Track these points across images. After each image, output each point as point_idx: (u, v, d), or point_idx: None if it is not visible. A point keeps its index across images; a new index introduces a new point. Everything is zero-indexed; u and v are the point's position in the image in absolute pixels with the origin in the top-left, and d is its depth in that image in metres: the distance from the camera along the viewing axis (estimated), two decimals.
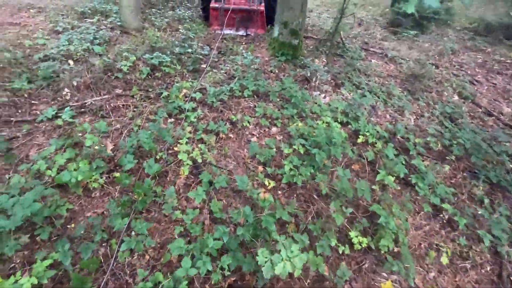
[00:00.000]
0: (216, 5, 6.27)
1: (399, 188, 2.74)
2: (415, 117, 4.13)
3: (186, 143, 2.81)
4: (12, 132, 2.94)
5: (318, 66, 4.72)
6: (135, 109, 3.48)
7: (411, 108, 4.13)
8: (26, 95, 3.42)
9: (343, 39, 6.19)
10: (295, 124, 3.25)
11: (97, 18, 5.87)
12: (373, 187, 2.66)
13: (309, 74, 4.37)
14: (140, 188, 2.13)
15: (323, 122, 3.28)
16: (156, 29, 5.99)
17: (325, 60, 5.46)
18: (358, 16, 9.06)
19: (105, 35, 5.11)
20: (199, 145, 2.86)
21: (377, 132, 3.34)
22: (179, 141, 2.87)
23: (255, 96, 3.89)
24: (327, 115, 3.43)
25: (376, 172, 2.90)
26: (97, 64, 3.70)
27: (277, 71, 4.64)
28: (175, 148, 2.83)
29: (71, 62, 3.86)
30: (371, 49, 6.59)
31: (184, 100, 3.60)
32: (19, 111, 3.23)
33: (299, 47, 5.03)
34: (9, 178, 2.37)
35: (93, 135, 2.34)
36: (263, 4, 6.33)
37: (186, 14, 6.99)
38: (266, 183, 2.47)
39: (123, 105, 3.52)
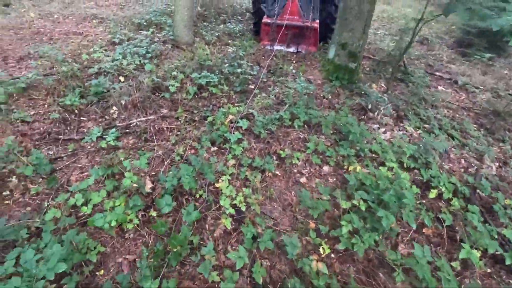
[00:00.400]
0: (268, 21, 6.04)
1: (488, 270, 2.17)
2: (497, 164, 3.44)
3: (229, 184, 2.53)
4: (58, 151, 2.92)
5: (377, 94, 4.21)
6: (178, 133, 3.31)
7: (493, 153, 3.45)
8: (76, 111, 3.44)
9: (405, 61, 5.57)
10: (352, 167, 2.81)
11: (152, 31, 5.97)
12: (452, 264, 2.13)
13: (367, 104, 3.89)
14: (176, 240, 1.88)
15: (387, 169, 2.79)
16: (206, 44, 5.92)
17: (384, 86, 4.91)
18: (419, 33, 8.27)
19: (157, 49, 5.13)
20: (243, 189, 2.56)
21: (453, 184, 2.77)
22: (221, 177, 2.61)
23: (305, 126, 3.52)
24: (391, 158, 2.93)
25: (454, 240, 2.36)
26: (146, 82, 3.62)
27: (330, 97, 4.22)
28: (217, 185, 2.57)
29: (122, 78, 3.84)
30: (437, 73, 5.86)
31: (229, 127, 3.35)
32: (68, 128, 3.23)
33: (356, 71, 4.57)
34: (47, 207, 2.27)
35: (132, 173, 2.15)
36: (317, 20, 5.97)
37: (237, 28, 6.87)
38: (321, 250, 2.07)
39: (167, 127, 3.38)
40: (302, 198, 2.34)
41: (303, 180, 2.85)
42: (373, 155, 3.14)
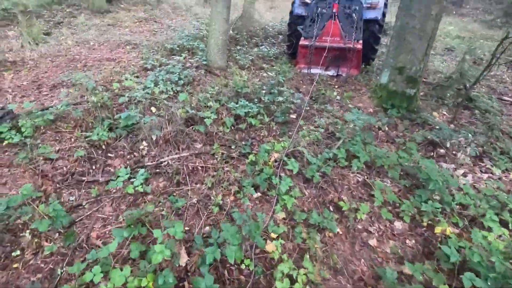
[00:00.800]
0: (306, 43, 5.63)
1: None
2: None
3: (281, 250, 1.97)
4: (80, 196, 2.54)
5: (445, 125, 3.54)
6: (214, 173, 2.85)
7: None
8: (103, 146, 3.10)
9: (466, 84, 4.85)
10: (440, 228, 2.16)
11: (184, 56, 5.76)
12: None
13: (439, 138, 3.24)
14: None
15: (484, 237, 2.09)
16: (240, 68, 5.59)
17: (446, 113, 4.23)
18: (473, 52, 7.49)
19: (189, 75, 4.84)
20: (303, 266, 1.97)
21: None
22: (270, 234, 2.07)
23: (364, 166, 2.92)
24: (490, 216, 2.25)
25: None
26: (179, 114, 3.24)
27: (387, 129, 3.62)
28: (266, 247, 2.02)
29: (153, 109, 3.50)
30: (505, 98, 5.07)
31: (274, 167, 2.84)
32: (94, 167, 2.88)
33: (415, 98, 3.95)
34: (60, 276, 1.83)
35: (164, 245, 1.67)
36: (360, 41, 5.46)
37: (271, 52, 6.52)
38: None
39: (202, 166, 2.93)
40: (384, 277, 1.73)
41: (372, 242, 2.23)
42: (460, 207, 2.46)
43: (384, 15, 5.64)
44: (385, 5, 5.64)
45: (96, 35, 7.61)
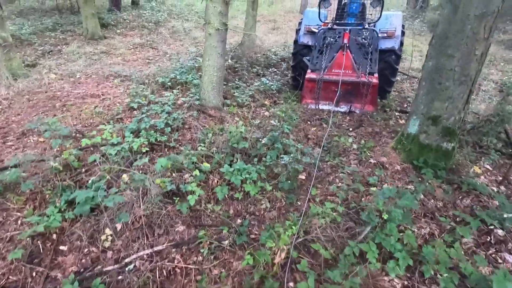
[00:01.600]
0: (313, 76, 4.96)
1: None
2: None
3: None
4: None
5: (503, 198, 2.75)
6: (199, 277, 2.08)
7: None
8: (54, 236, 2.37)
9: (507, 128, 4.08)
10: None
11: (176, 92, 5.12)
12: None
13: (502, 227, 2.43)
14: None
15: None
16: (238, 106, 4.91)
17: (489, 167, 3.44)
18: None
19: (179, 118, 4.16)
20: None
21: None
22: None
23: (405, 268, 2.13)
24: None
25: None
26: (155, 189, 2.50)
27: (422, 196, 2.83)
28: None
29: (125, 177, 2.76)
30: None
31: (280, 267, 2.07)
32: (36, 271, 2.13)
33: (453, 153, 3.19)
34: None
35: None
36: (376, 75, 4.77)
37: (274, 85, 5.85)
38: None
39: (181, 268, 2.16)
40: None
41: None
42: None
43: (401, 43, 4.97)
44: (402, 33, 4.99)
45: (84, 66, 7.05)
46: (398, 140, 3.49)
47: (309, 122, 4.56)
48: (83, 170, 3.18)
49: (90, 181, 2.88)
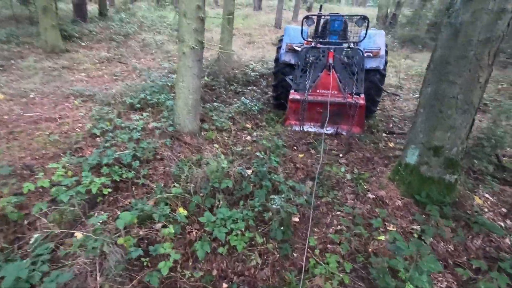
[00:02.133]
0: (297, 97, 4.64)
1: None
2: None
3: None
4: None
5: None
6: None
7: None
8: None
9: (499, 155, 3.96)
10: None
11: (146, 115, 4.56)
12: None
13: None
14: None
15: None
16: (216, 130, 4.44)
17: (489, 196, 3.24)
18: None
19: (149, 148, 3.62)
20: None
21: None
22: None
23: None
24: None
25: None
26: (114, 256, 1.95)
27: (431, 240, 2.52)
28: None
29: (78, 235, 2.19)
30: None
31: None
32: None
33: (456, 185, 2.94)
34: None
35: None
36: (362, 95, 4.55)
37: (254, 106, 5.46)
38: None
39: None
40: None
41: None
42: None
43: (386, 63, 4.82)
44: (386, 52, 4.85)
45: (41, 83, 6.27)
46: (396, 171, 3.20)
47: (295, 148, 4.20)
48: (25, 222, 2.54)
49: (32, 239, 2.28)
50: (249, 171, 3.02)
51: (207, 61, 8.62)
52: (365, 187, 3.16)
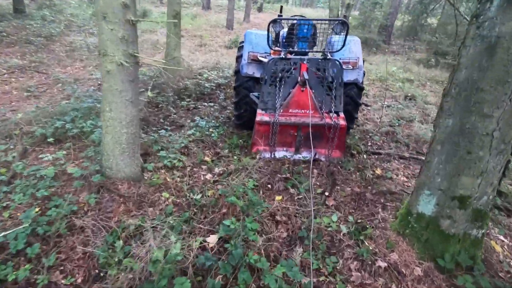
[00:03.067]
0: (266, 119, 3.77)
1: None
2: None
3: None
4: None
5: None
6: None
7: None
8: None
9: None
10: None
11: (64, 153, 3.28)
12: None
13: None
14: None
15: None
16: (164, 170, 3.36)
17: (503, 239, 2.73)
18: None
19: (61, 215, 2.43)
20: None
21: None
22: None
23: None
24: None
25: None
26: None
27: None
28: None
29: None
30: None
31: None
32: None
33: (483, 241, 2.32)
34: None
35: None
36: (342, 115, 3.86)
37: (212, 127, 4.46)
38: None
39: None
40: None
41: None
42: None
43: (364, 74, 4.19)
44: (363, 61, 4.22)
45: None
46: (404, 221, 2.49)
47: (269, 187, 3.32)
48: None
49: None
50: (215, 242, 2.05)
51: (151, 70, 7.33)
52: (370, 248, 2.39)
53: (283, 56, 3.74)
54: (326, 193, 3.22)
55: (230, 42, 12.12)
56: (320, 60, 3.76)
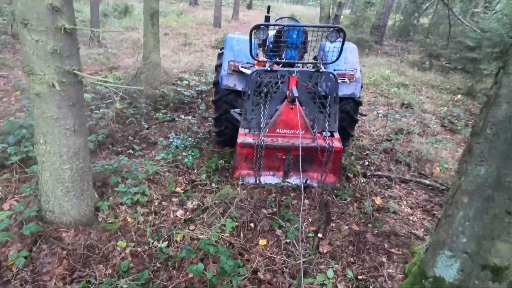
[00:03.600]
0: (250, 141, 3.23)
1: None
2: None
3: None
4: None
5: None
6: None
7: None
8: None
9: None
10: None
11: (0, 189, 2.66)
12: None
13: None
14: None
15: None
16: (126, 205, 2.77)
17: None
18: None
19: None
20: None
21: None
22: None
23: None
24: None
25: None
26: None
27: None
28: None
29: None
30: None
31: None
32: None
33: None
34: None
35: None
36: (337, 135, 3.35)
37: (188, 148, 3.87)
38: None
39: None
40: None
41: None
42: None
43: (361, 87, 3.67)
44: (360, 72, 3.70)
45: None
46: (418, 286, 1.99)
47: (252, 226, 2.78)
48: None
49: None
50: None
51: (126, 72, 6.67)
52: None
53: (269, 68, 3.18)
54: (320, 235, 2.70)
55: (216, 42, 11.47)
56: (312, 73, 3.22)
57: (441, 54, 10.58)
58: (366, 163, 4.13)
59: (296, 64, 3.65)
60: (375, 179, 3.80)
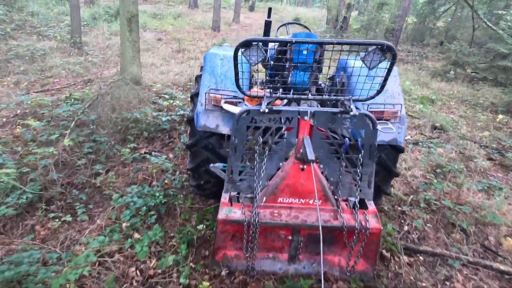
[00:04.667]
0: (236, 218, 2.07)
1: None
2: None
3: None
4: None
5: None
6: None
7: None
8: None
9: None
10: None
11: None
12: None
13: None
14: None
15: None
16: None
17: None
18: None
19: None
20: None
21: None
22: None
23: None
24: None
25: None
26: None
27: None
28: None
29: None
30: None
31: None
32: None
33: None
34: None
35: None
36: (372, 206, 2.18)
37: (152, 205, 2.72)
38: None
39: None
40: None
41: None
42: None
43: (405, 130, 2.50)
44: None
45: None
46: None
47: None
48: None
49: None
50: None
51: (102, 87, 5.55)
52: None
53: (267, 109, 1.99)
54: None
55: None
56: (335, 115, 2.04)
57: (467, 62, 9.33)
58: (405, 228, 2.95)
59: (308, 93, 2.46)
60: (422, 258, 2.62)
